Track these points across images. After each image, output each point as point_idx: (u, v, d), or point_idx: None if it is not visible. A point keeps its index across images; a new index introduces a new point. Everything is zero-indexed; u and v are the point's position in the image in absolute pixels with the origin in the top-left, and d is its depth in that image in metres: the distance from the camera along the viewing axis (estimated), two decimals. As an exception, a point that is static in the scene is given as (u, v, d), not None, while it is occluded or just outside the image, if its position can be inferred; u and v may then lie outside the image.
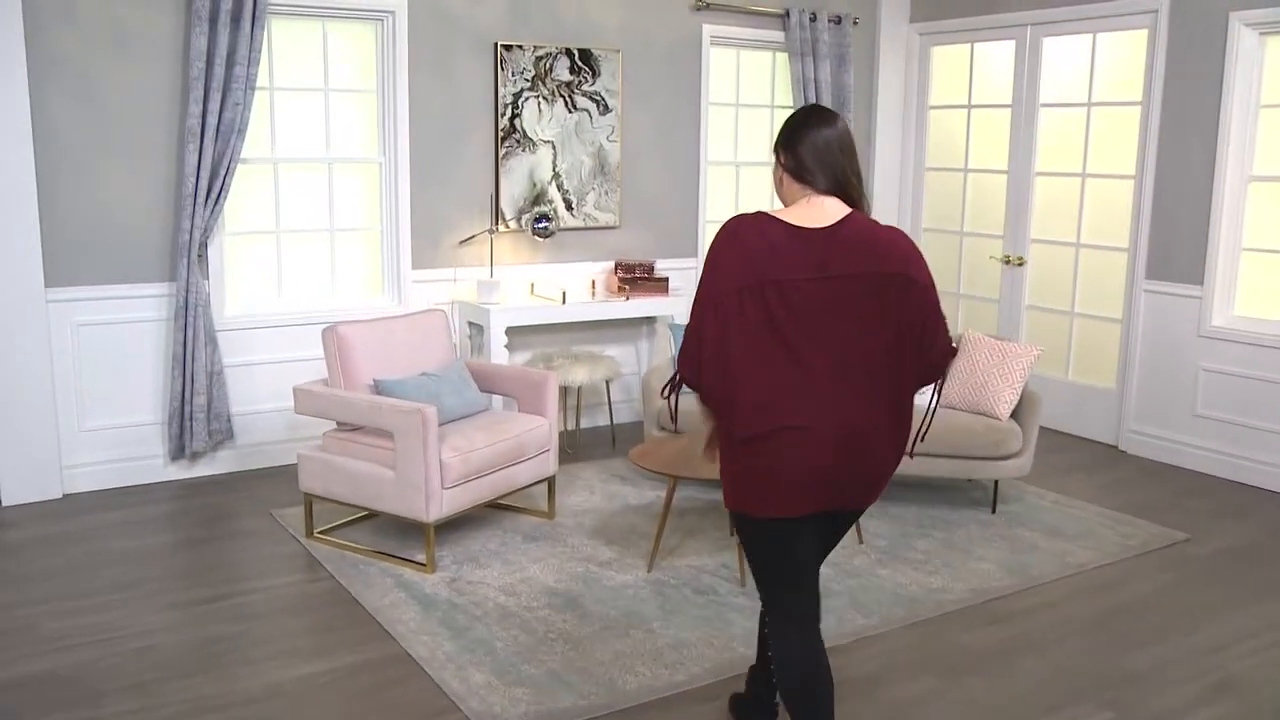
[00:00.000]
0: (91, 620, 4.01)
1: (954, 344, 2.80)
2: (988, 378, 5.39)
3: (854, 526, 4.87)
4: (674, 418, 2.96)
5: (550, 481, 5.11)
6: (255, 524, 5.04)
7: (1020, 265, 7.07)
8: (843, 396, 2.57)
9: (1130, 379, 6.44)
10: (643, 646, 3.85)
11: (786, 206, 2.73)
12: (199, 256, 5.46)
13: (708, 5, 6.79)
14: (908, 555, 4.77)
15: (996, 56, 7.20)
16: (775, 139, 2.79)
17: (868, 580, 4.49)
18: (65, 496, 5.36)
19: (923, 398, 2.98)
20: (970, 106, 7.37)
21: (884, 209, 7.76)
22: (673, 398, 2.77)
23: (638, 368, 6.93)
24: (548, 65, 6.32)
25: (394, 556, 4.60)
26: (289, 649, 3.81)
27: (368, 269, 6.16)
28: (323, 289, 6.03)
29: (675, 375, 2.74)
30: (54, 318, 5.25)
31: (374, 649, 3.82)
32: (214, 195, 5.41)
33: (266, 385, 5.79)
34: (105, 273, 5.35)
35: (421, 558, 4.56)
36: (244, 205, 5.74)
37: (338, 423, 4.73)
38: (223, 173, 5.41)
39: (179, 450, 5.55)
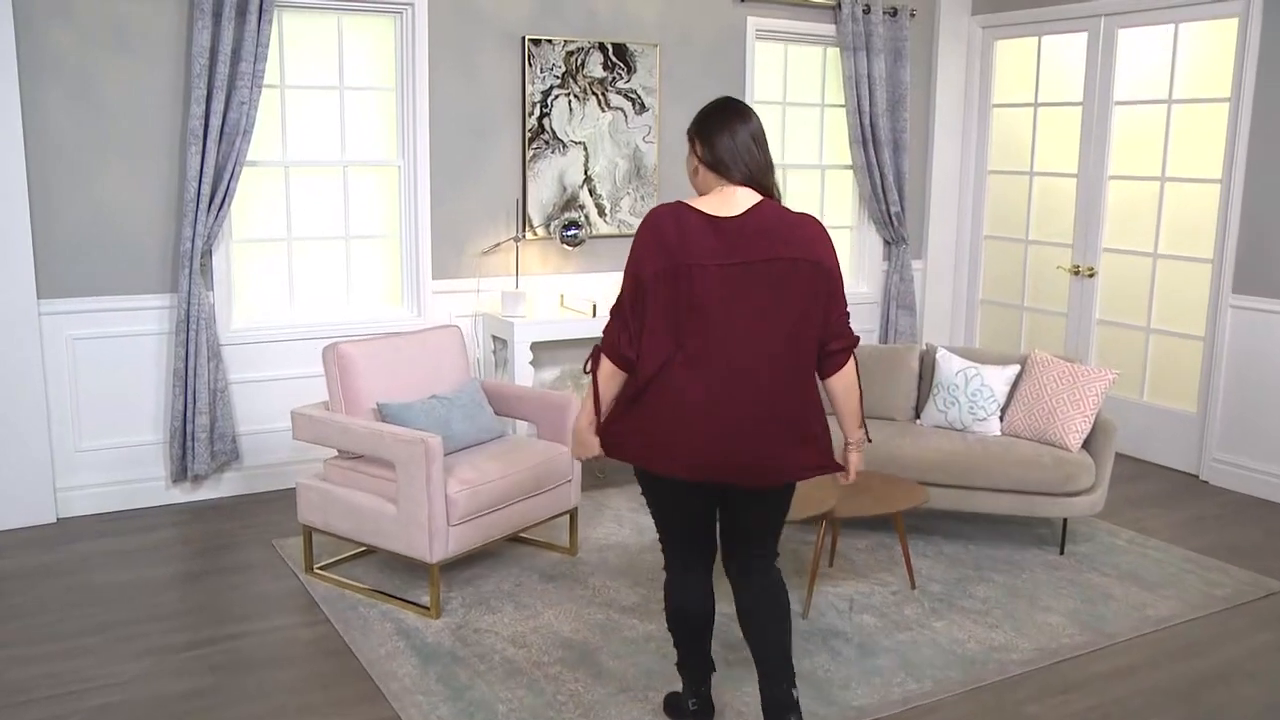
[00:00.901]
0: (56, 669, 3.64)
1: (856, 335, 2.97)
2: (1056, 404, 4.87)
3: (907, 570, 4.39)
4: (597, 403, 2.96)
5: (572, 514, 4.68)
6: (254, 555, 4.67)
7: (1090, 276, 6.52)
8: (739, 375, 2.75)
9: (1214, 402, 5.87)
10: (663, 716, 3.41)
11: (701, 195, 2.93)
12: (202, 266, 5.12)
13: (753, -4, 6.33)
14: (965, 604, 4.28)
15: (1066, 50, 6.65)
16: (690, 127, 2.99)
17: (919, 634, 4.00)
18: (59, 521, 5.03)
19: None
20: (1037, 104, 6.83)
21: (941, 215, 7.24)
22: (595, 374, 2.94)
23: (675, 384, 6.47)
24: (579, 61, 5.90)
25: (396, 598, 4.20)
26: (268, 709, 3.42)
27: (385, 279, 5.78)
28: (337, 300, 5.66)
29: (597, 349, 2.92)
30: (47, 331, 4.93)
31: (362, 712, 3.41)
32: (218, 200, 5.06)
33: (275, 403, 5.43)
34: (102, 283, 5.02)
35: (426, 600, 4.16)
36: (253, 211, 5.39)
37: (339, 450, 4.34)
38: (227, 177, 5.05)
39: (180, 472, 5.20)
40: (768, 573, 3.09)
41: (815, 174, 6.90)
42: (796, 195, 6.84)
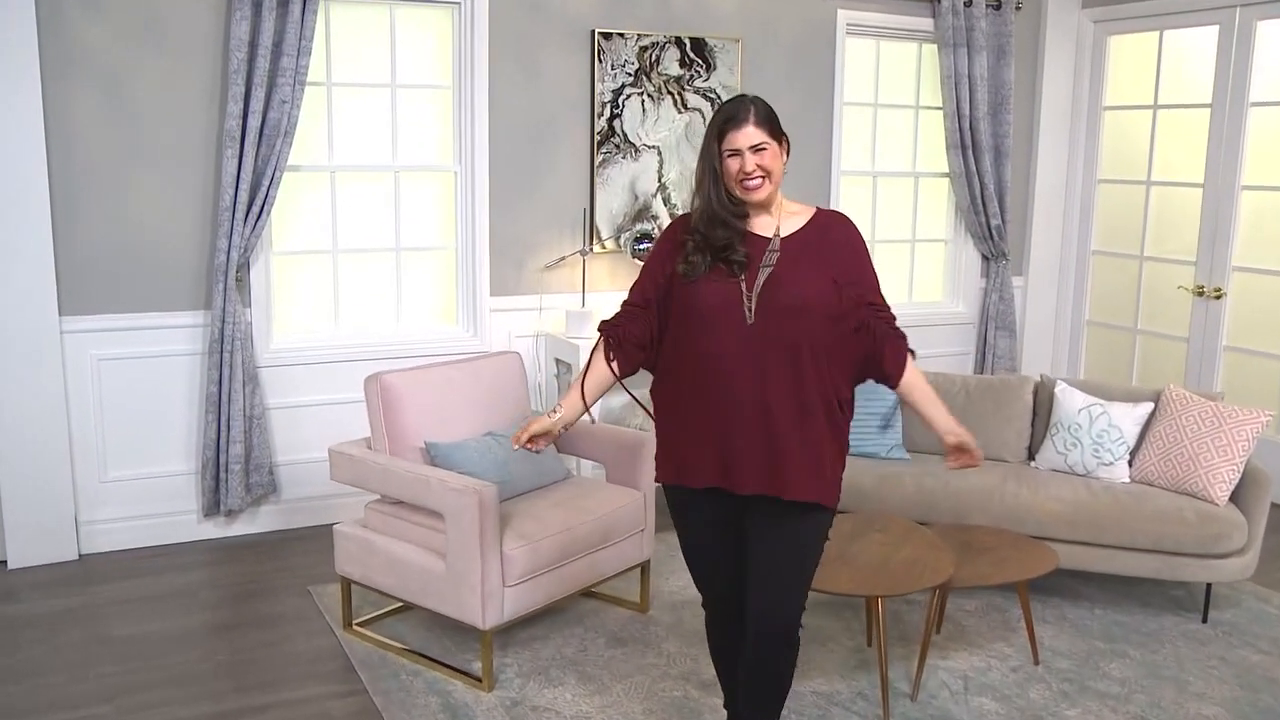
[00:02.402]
0: (57, 750, 3.19)
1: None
2: (1198, 449, 4.24)
3: (1030, 643, 3.79)
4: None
5: (644, 567, 4.14)
6: (289, 605, 4.19)
7: (1218, 298, 5.84)
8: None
9: (1366, 444, 5.18)
10: (755, 832, 2.86)
11: (777, 197, 2.69)
12: (238, 280, 4.66)
13: (845, -14, 5.75)
14: (1100, 686, 3.67)
15: (1192, 46, 5.98)
16: (776, 125, 2.66)
17: (1053, 727, 3.41)
18: (82, 558, 4.60)
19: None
20: (1156, 106, 6.16)
21: (1044, 227, 6.59)
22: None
23: (752, 412, 5.90)
24: (654, 57, 5.36)
25: (444, 664, 3.69)
26: (291, 810, 2.93)
27: (440, 295, 5.29)
28: (386, 318, 5.18)
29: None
30: (70, 351, 4.50)
31: (400, 816, 2.90)
32: (256, 208, 4.59)
33: (316, 431, 4.95)
34: (129, 299, 4.58)
35: (477, 667, 3.65)
36: (294, 220, 4.92)
37: (380, 493, 3.84)
38: (266, 182, 4.59)
39: (213, 506, 4.75)
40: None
41: (908, 182, 6.29)
42: (888, 206, 6.24)
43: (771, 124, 2.62)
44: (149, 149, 4.52)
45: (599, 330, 2.82)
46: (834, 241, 2.66)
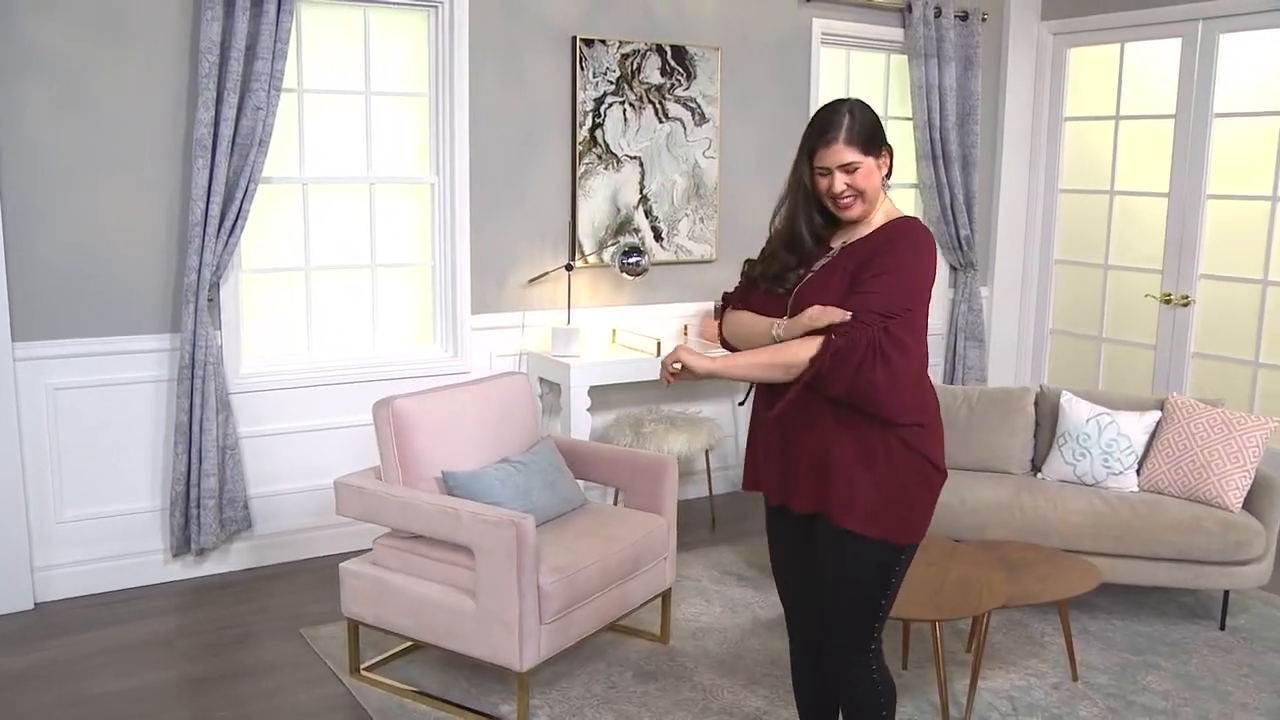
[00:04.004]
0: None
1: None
2: (1210, 456, 4.23)
3: (1069, 660, 3.71)
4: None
5: (665, 596, 3.94)
6: (282, 651, 3.87)
7: (1185, 305, 5.92)
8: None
9: (1341, 447, 5.28)
10: None
11: (874, 211, 2.52)
12: (209, 300, 4.32)
13: (820, -5, 5.67)
14: (1144, 700, 3.61)
15: (1155, 58, 6.06)
16: (872, 138, 2.46)
17: (1112, 747, 3.32)
18: (37, 607, 4.20)
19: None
20: (1118, 117, 6.23)
21: (1008, 238, 6.61)
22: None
23: (734, 430, 5.76)
24: (635, 65, 5.19)
25: (471, 710, 3.43)
26: None
27: (417, 313, 5.01)
28: (361, 339, 4.88)
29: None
30: (24, 380, 4.10)
31: None
32: (229, 223, 4.27)
33: (292, 460, 4.64)
34: (90, 322, 4.21)
35: (506, 710, 3.40)
36: (264, 236, 4.60)
37: (391, 528, 3.56)
38: (239, 195, 4.27)
39: (183, 545, 4.39)
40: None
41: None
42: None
43: (865, 140, 2.44)
44: (113, 158, 4.16)
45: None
46: (877, 246, 2.47)
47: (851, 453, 2.43)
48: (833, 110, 2.48)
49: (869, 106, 2.50)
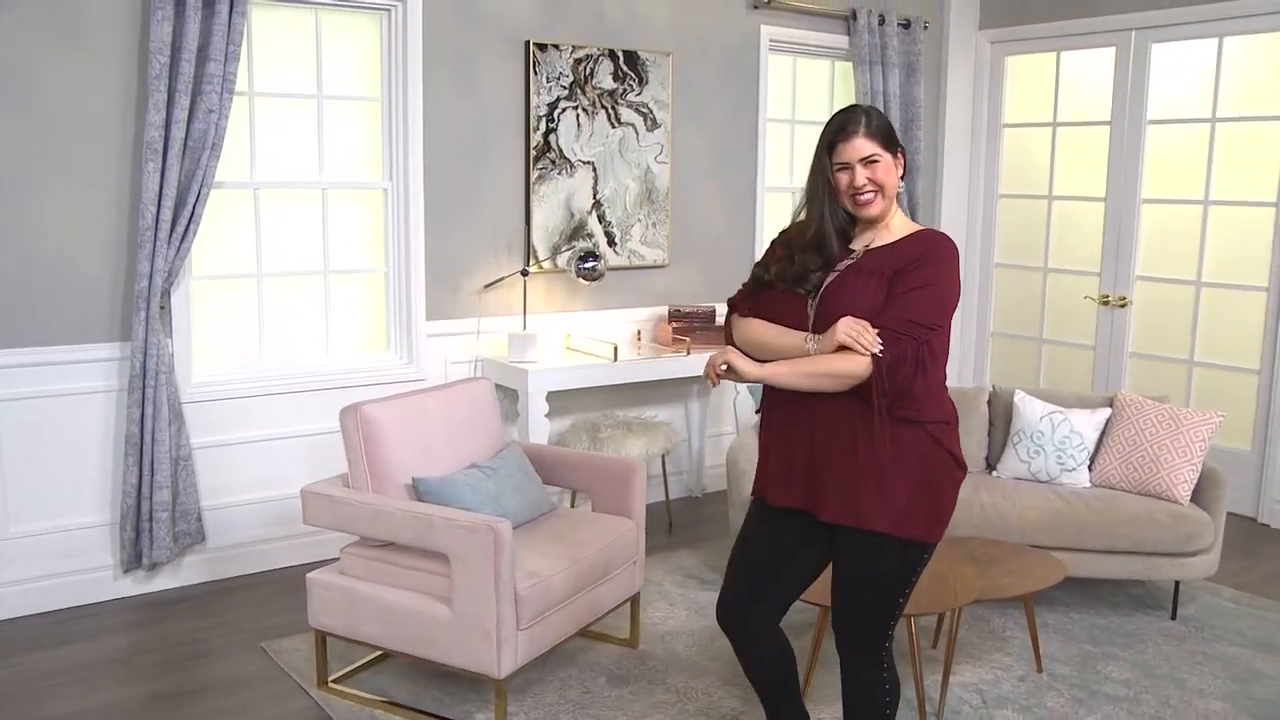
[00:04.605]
0: None
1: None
2: (1159, 451, 4.35)
3: (1034, 652, 3.79)
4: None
5: (635, 600, 3.93)
6: (244, 665, 3.78)
7: (1122, 306, 6.09)
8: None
9: (1275, 439, 5.47)
10: None
11: (890, 212, 2.56)
12: (161, 308, 4.21)
13: (768, 2, 5.71)
14: (1107, 689, 3.69)
15: (1089, 66, 6.23)
16: (890, 136, 2.51)
17: (1082, 735, 3.39)
18: (-19, 627, 4.05)
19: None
20: (1055, 124, 6.39)
21: (952, 242, 6.72)
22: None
23: (688, 435, 5.78)
24: (588, 70, 5.18)
25: (444, 719, 3.38)
26: None
27: (371, 320, 4.94)
28: (316, 346, 4.80)
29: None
30: (-34, 392, 3.96)
31: None
32: (181, 228, 4.17)
33: (245, 470, 4.54)
34: (33, 331, 4.07)
35: (481, 719, 3.37)
36: (215, 242, 4.50)
37: (361, 536, 3.50)
38: (192, 200, 4.17)
39: (134, 560, 4.26)
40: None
41: (823, 198, 6.31)
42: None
43: (884, 135, 2.49)
44: (58, 161, 4.04)
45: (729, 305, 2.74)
46: (909, 256, 2.49)
47: (884, 456, 2.44)
48: (849, 110, 2.53)
49: (881, 111, 2.55)
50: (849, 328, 2.39)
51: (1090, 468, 4.51)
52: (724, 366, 2.48)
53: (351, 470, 3.52)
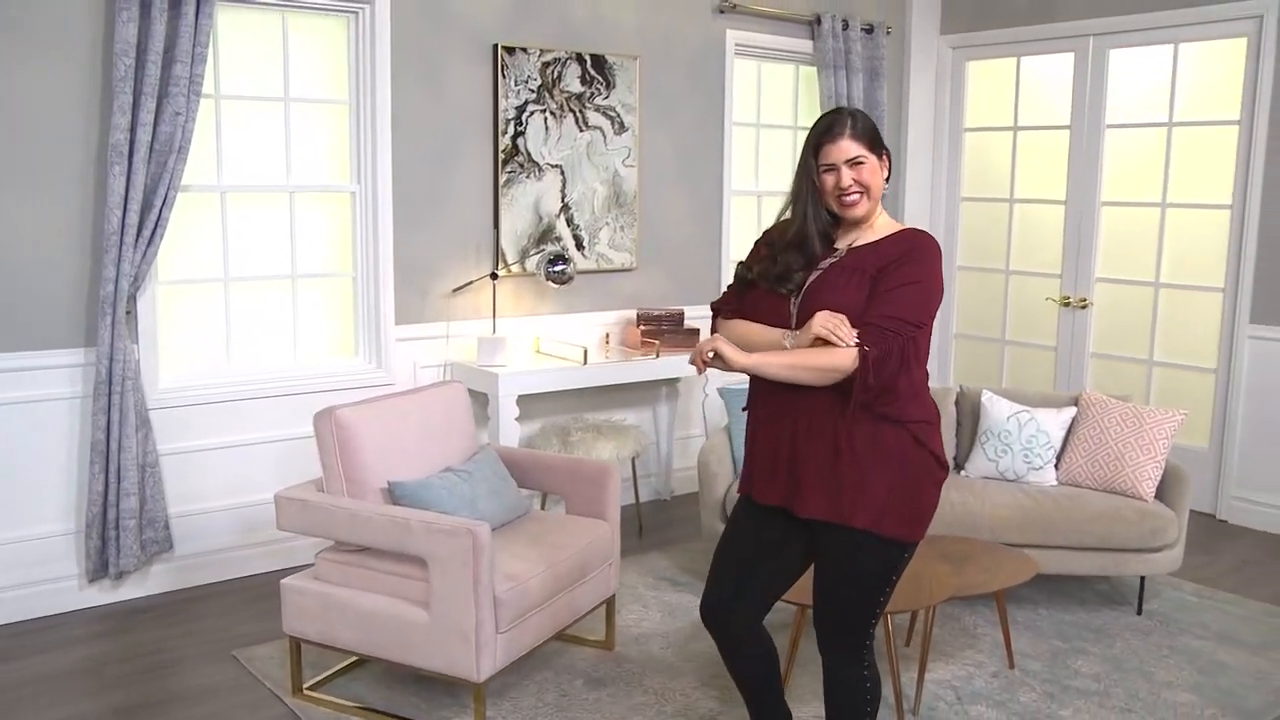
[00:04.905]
0: None
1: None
2: (1123, 449, 4.42)
3: (1006, 648, 3.83)
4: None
5: (610, 602, 3.93)
6: (216, 674, 3.73)
7: (1083, 308, 6.18)
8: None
9: (1231, 438, 5.58)
10: None
11: (875, 213, 2.59)
12: (127, 313, 4.15)
13: (734, 7, 5.74)
14: (1078, 684, 3.74)
15: (1049, 72, 6.32)
16: (876, 138, 2.55)
17: (1055, 729, 3.44)
18: (-57, 640, 3.97)
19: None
20: (1016, 128, 6.48)
21: (915, 245, 6.79)
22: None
23: (656, 438, 5.79)
24: (556, 73, 5.18)
25: (424, 725, 3.37)
26: None
27: (339, 325, 4.90)
28: (283, 351, 4.75)
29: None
30: (-73, 400, 3.88)
31: None
32: (147, 232, 4.12)
33: (213, 477, 4.49)
34: (-1, 338, 4.01)
35: (462, 724, 3.35)
36: (181, 246, 4.45)
37: (336, 541, 3.47)
38: (158, 203, 4.12)
39: (100, 569, 4.20)
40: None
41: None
42: (768, 224, 6.26)
43: (870, 137, 2.51)
44: (21, 163, 3.97)
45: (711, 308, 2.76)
46: (893, 254, 2.51)
47: (865, 453, 2.46)
48: (835, 112, 2.56)
49: (867, 114, 2.58)
50: (825, 320, 2.40)
51: (1057, 466, 4.58)
52: (711, 354, 2.47)
53: (326, 475, 3.49)
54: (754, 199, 6.19)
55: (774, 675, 2.83)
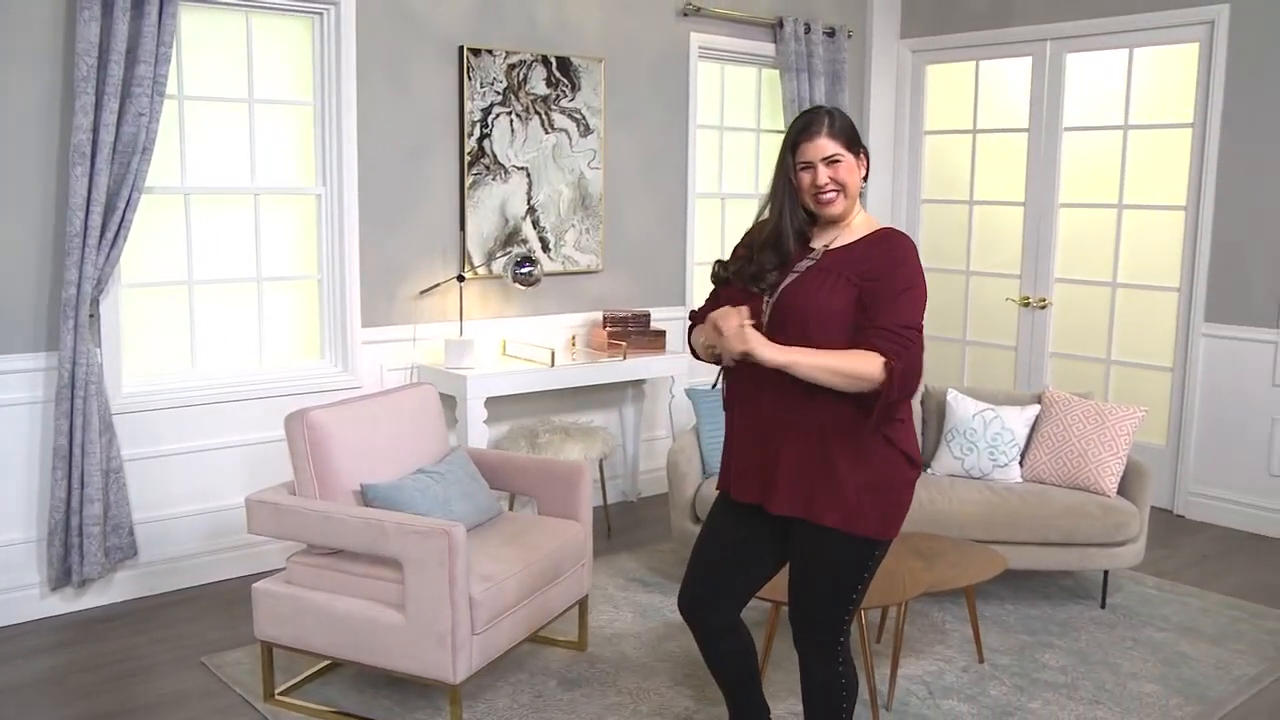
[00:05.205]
0: None
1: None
2: (1086, 446, 4.49)
3: (976, 643, 3.88)
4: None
5: (583, 602, 3.93)
6: (186, 681, 3.68)
7: (1043, 308, 6.28)
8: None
9: (1188, 435, 5.68)
10: None
11: (854, 212, 2.61)
12: (90, 316, 4.09)
13: (698, 10, 5.77)
14: (1046, 677, 3.80)
15: (1008, 76, 6.42)
16: (853, 137, 2.57)
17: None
18: (-100, 651, 3.88)
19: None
20: (975, 131, 6.57)
21: (877, 246, 6.86)
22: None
23: (622, 440, 5.79)
24: (522, 76, 5.18)
25: (399, 728, 3.35)
26: None
27: (304, 328, 4.86)
28: (249, 355, 4.70)
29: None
30: (-117, 406, 3.80)
31: None
32: (110, 234, 4.06)
33: (178, 482, 4.43)
34: (-42, 342, 3.94)
35: (437, 727, 3.33)
36: (145, 248, 4.39)
37: (309, 544, 3.44)
38: (122, 205, 4.07)
39: (63, 577, 4.13)
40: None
41: (752, 204, 6.39)
42: (732, 227, 6.31)
43: (847, 136, 2.53)
44: (-20, 167, 3.91)
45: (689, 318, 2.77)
46: (873, 259, 2.52)
47: (840, 452, 2.47)
48: (813, 110, 2.57)
49: (845, 112, 2.60)
50: (719, 313, 2.42)
51: (1021, 463, 4.64)
52: (741, 350, 2.38)
53: (298, 477, 3.46)
54: (718, 201, 6.22)
55: (753, 670, 2.84)
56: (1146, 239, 5.88)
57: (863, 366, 2.38)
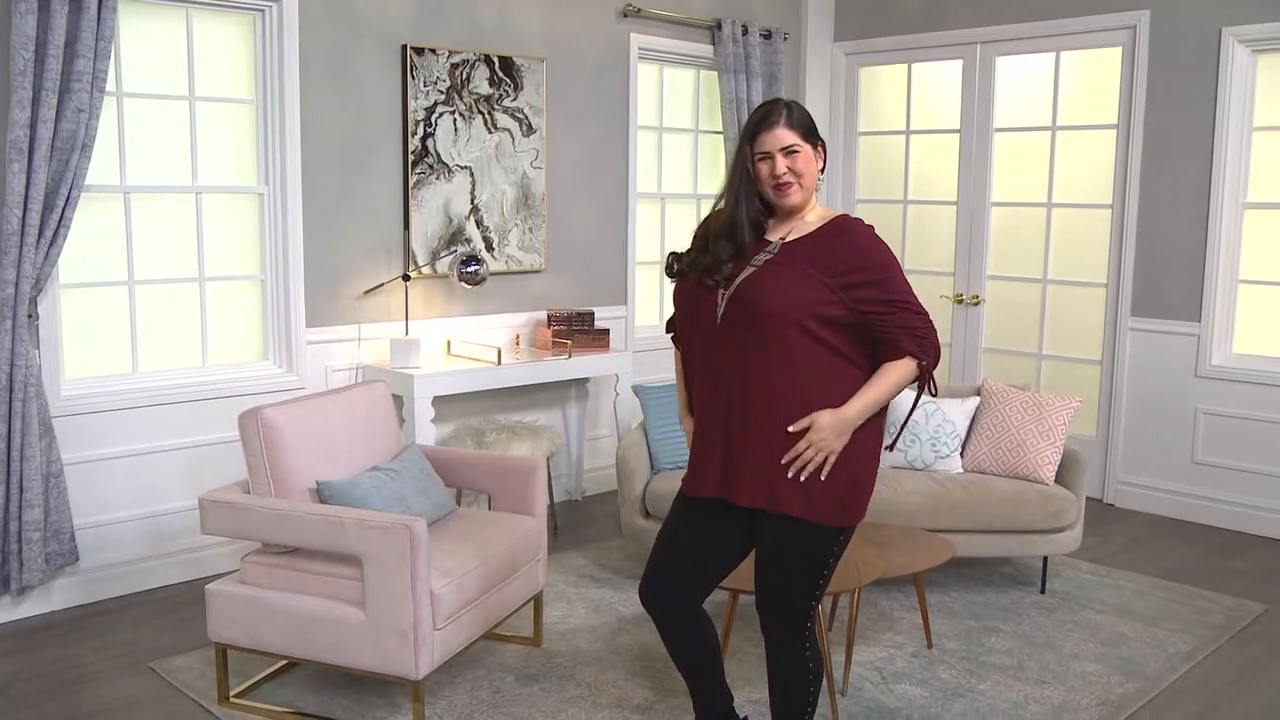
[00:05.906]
0: None
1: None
2: (1024, 436, 4.62)
3: (925, 629, 3.97)
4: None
5: (538, 598, 3.93)
6: (134, 687, 3.61)
7: (976, 304, 6.43)
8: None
9: (1116, 426, 5.87)
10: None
11: (810, 204, 2.67)
12: (29, 317, 3.99)
13: (638, 11, 5.82)
14: (991, 659, 3.90)
15: (939, 78, 6.57)
16: (811, 128, 2.63)
17: (976, 701, 3.58)
18: None
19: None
20: (909, 132, 6.71)
21: (814, 246, 6.96)
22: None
23: (567, 438, 5.80)
24: (465, 75, 5.18)
25: (359, 726, 3.33)
26: None
27: (248, 328, 4.79)
28: (191, 356, 4.63)
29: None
30: None
31: None
32: (49, 232, 3.97)
33: (120, 486, 4.35)
34: (-111, 344, 3.81)
35: (398, 724, 3.32)
36: (83, 248, 4.30)
37: (264, 544, 3.41)
38: (61, 203, 3.98)
39: (1, 584, 4.02)
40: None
41: (691, 204, 6.45)
42: (672, 227, 6.36)
43: (805, 127, 2.58)
44: (-89, 164, 3.80)
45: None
46: (838, 247, 2.56)
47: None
48: (771, 102, 2.62)
49: (803, 105, 2.65)
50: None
51: (962, 454, 4.75)
52: (825, 457, 2.54)
53: (252, 476, 3.42)
54: (658, 202, 6.26)
55: (715, 658, 2.88)
56: (1075, 236, 6.06)
57: (906, 374, 2.59)
